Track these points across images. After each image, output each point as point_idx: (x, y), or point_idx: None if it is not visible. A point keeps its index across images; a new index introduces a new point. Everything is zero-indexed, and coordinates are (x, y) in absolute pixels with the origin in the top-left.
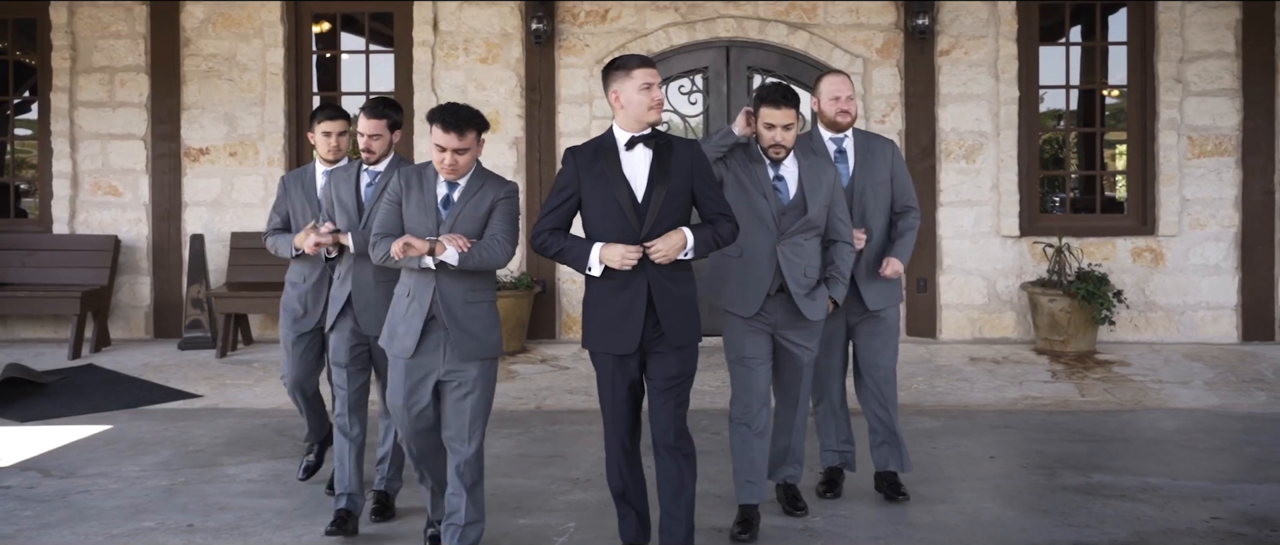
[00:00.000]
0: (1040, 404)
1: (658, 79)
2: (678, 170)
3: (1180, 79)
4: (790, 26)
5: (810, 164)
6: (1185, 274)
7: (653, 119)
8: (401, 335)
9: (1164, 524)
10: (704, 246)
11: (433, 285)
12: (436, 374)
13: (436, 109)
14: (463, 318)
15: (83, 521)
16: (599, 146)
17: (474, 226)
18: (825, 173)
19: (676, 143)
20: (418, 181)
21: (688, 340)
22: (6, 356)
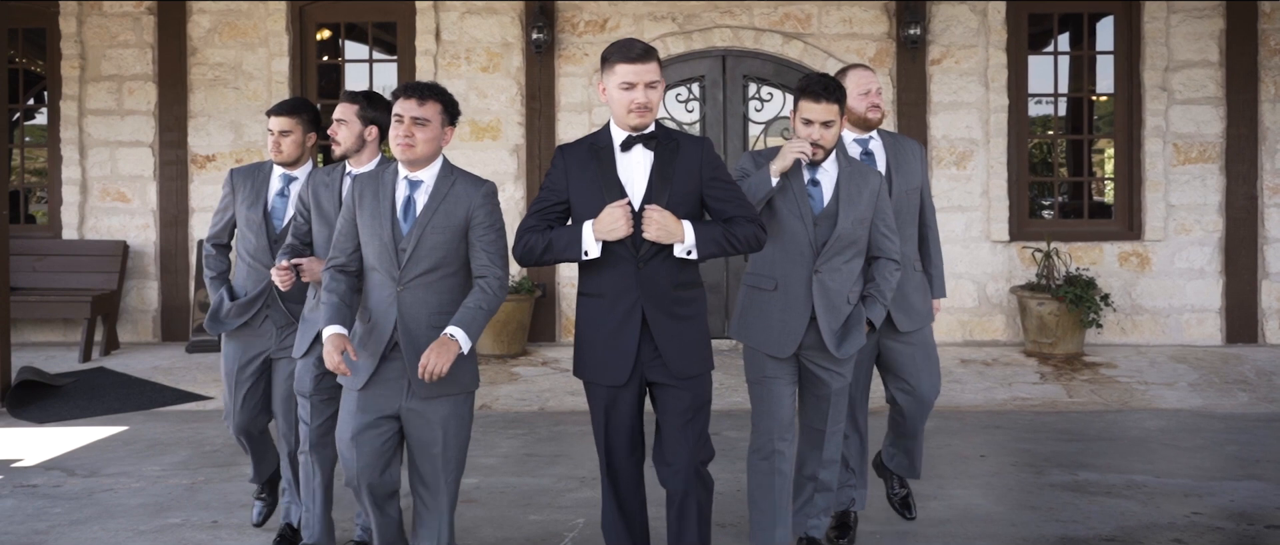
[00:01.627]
0: (1029, 405)
1: (645, 77)
2: (683, 174)
3: (1165, 87)
4: (785, 36)
5: (853, 170)
6: (1171, 278)
7: (634, 123)
8: (357, 366)
9: (1147, 519)
10: (712, 245)
11: (394, 304)
12: (395, 410)
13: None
14: (426, 348)
15: (111, 518)
16: (593, 145)
17: (445, 240)
18: (869, 181)
19: (684, 141)
20: (373, 184)
21: (695, 370)
22: (19, 360)
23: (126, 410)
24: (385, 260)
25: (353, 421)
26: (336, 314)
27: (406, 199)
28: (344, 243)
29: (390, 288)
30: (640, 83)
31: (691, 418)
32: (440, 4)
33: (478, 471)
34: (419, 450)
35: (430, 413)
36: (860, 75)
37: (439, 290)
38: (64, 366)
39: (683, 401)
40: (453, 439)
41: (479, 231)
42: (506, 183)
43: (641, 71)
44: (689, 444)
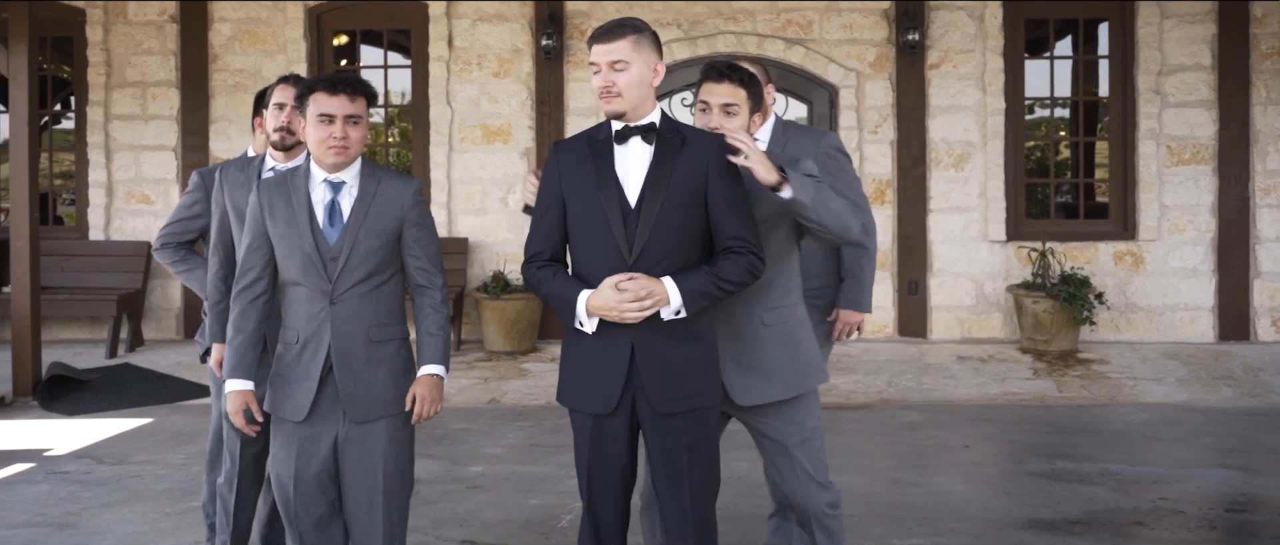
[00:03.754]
0: (1019, 399)
1: (608, 56)
2: (686, 173)
3: (1159, 91)
4: (787, 42)
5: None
6: (1164, 277)
7: (605, 109)
8: (293, 392)
9: (1114, 504)
10: (703, 299)
11: (326, 322)
12: (333, 439)
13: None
14: (363, 367)
15: (138, 502)
16: (591, 139)
17: (381, 244)
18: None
19: (693, 137)
20: (283, 189)
21: (681, 405)
22: (48, 356)
23: (151, 403)
24: (311, 274)
25: (294, 462)
26: (242, 361)
27: (329, 203)
28: (253, 258)
29: (320, 303)
30: (603, 62)
31: (683, 464)
32: (453, 10)
33: (483, 460)
34: (357, 481)
35: (370, 439)
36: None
37: (375, 300)
38: (91, 362)
39: (668, 441)
40: (394, 465)
41: (414, 233)
42: (517, 185)
43: (604, 51)
44: (679, 500)
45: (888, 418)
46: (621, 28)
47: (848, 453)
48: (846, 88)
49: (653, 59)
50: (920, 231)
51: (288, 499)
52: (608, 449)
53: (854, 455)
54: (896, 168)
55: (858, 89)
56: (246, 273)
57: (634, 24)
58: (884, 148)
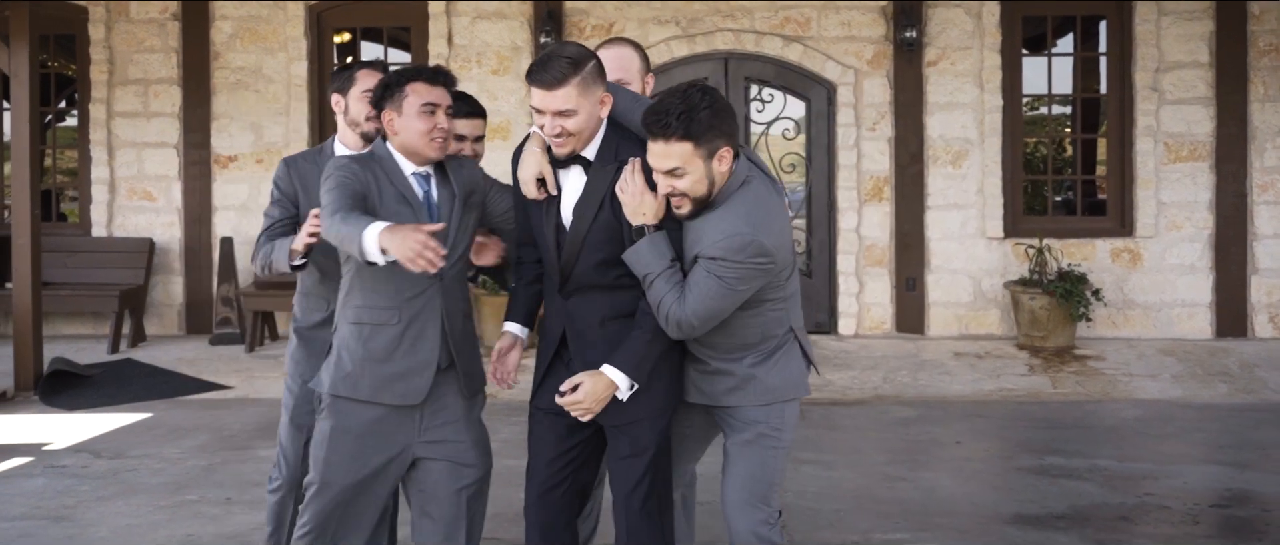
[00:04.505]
0: (1013, 395)
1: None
2: (616, 203)
3: (1156, 88)
4: (785, 39)
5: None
6: (1162, 273)
7: (562, 153)
8: (405, 373)
9: (1099, 499)
10: (647, 362)
11: (438, 303)
12: (408, 444)
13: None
14: (466, 347)
15: (133, 495)
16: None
17: (471, 222)
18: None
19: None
20: (380, 170)
21: (621, 418)
22: (51, 351)
23: (151, 398)
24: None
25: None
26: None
27: (424, 193)
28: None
29: (428, 282)
30: (548, 110)
31: (627, 469)
32: (452, 9)
33: None
34: (448, 494)
35: (460, 438)
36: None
37: (464, 279)
38: (94, 358)
39: (619, 448)
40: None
41: (495, 195)
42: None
43: (548, 99)
44: (625, 503)
45: (881, 413)
46: (562, 71)
47: (840, 448)
48: (844, 85)
49: (598, 92)
50: (918, 228)
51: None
52: (541, 438)
53: (846, 451)
54: (894, 165)
55: (856, 86)
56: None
57: (573, 59)
58: (882, 145)
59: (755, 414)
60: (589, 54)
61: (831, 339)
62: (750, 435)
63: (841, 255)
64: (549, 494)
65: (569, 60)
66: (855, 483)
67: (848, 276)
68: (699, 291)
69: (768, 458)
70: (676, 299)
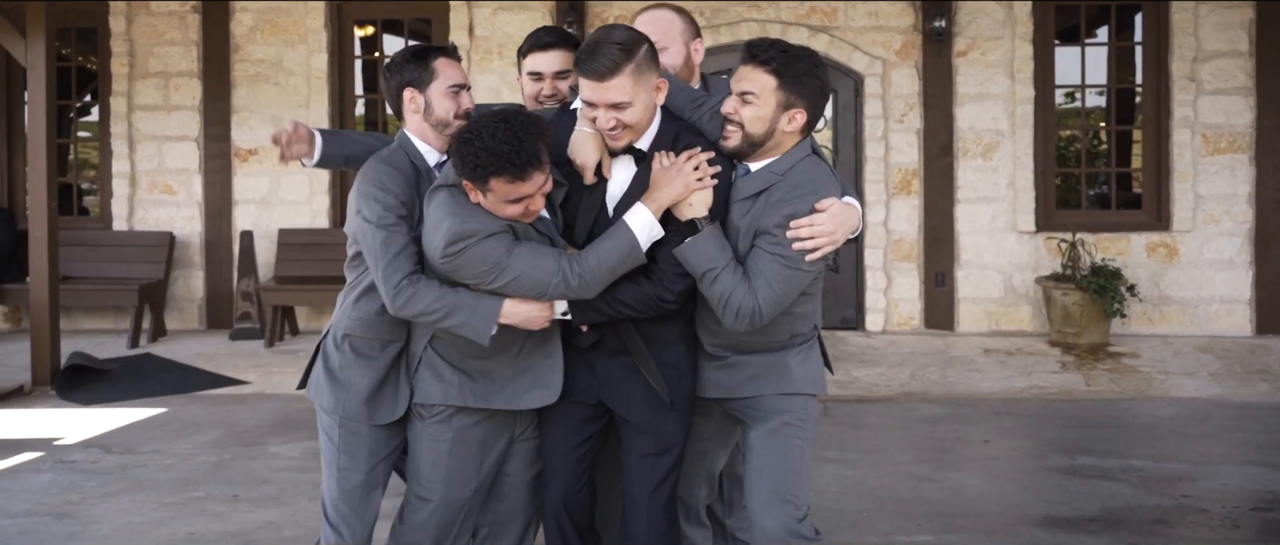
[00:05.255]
0: (1045, 393)
1: (609, 98)
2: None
3: (1194, 78)
4: (811, 29)
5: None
6: (1199, 268)
7: (617, 147)
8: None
9: (1134, 501)
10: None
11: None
12: (511, 436)
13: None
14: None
15: (140, 491)
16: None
17: None
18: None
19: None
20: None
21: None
22: (71, 345)
23: (167, 393)
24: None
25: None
26: None
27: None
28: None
29: None
30: (601, 103)
31: (650, 467)
32: (473, 1)
33: None
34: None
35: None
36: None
37: None
38: (113, 352)
39: (643, 444)
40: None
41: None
42: None
43: (599, 90)
44: (647, 502)
45: (908, 411)
46: (613, 59)
47: (864, 447)
48: (872, 76)
49: (653, 78)
50: (947, 222)
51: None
52: (557, 438)
53: (870, 449)
54: (923, 157)
55: (883, 77)
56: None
57: (624, 45)
58: (910, 137)
59: (779, 403)
60: (640, 38)
61: (858, 335)
62: (775, 424)
63: (869, 250)
64: (574, 497)
65: (620, 47)
66: (878, 482)
67: (875, 271)
68: (767, 277)
69: (793, 449)
70: (747, 290)
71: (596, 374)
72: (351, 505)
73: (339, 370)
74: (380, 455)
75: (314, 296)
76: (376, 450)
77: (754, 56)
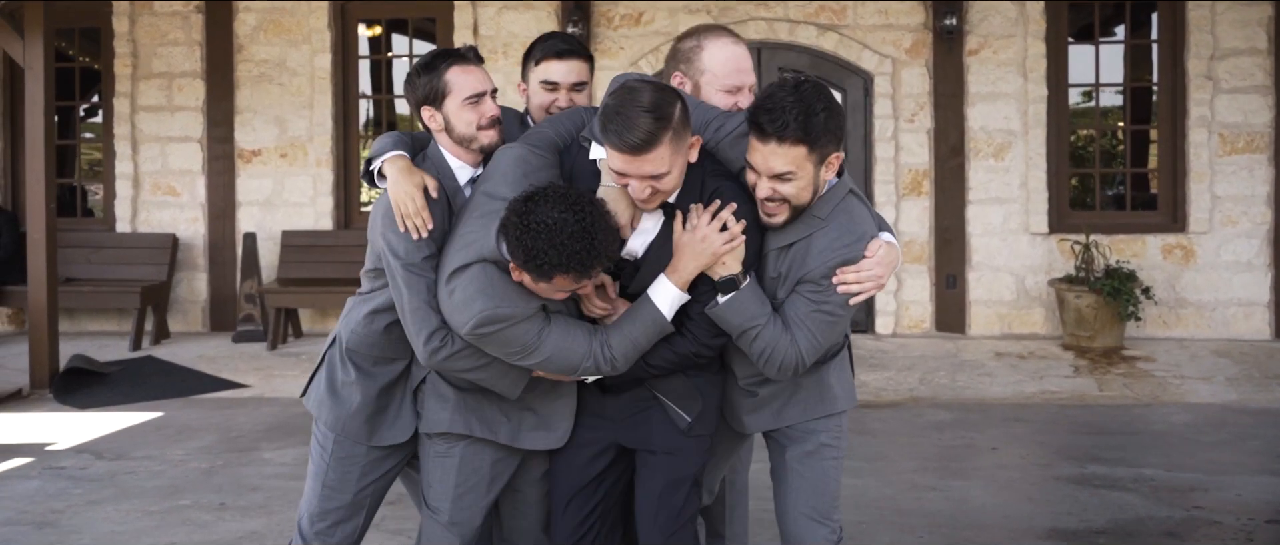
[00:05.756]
0: (1056, 398)
1: (645, 170)
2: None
3: (1211, 76)
4: (820, 28)
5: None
6: (1216, 271)
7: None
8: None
9: (1144, 512)
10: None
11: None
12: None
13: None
14: None
15: (126, 499)
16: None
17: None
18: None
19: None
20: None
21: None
22: (75, 347)
23: (166, 397)
24: None
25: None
26: None
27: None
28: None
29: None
30: (635, 174)
31: (670, 498)
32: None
33: None
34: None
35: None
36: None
37: None
38: (116, 355)
39: (657, 475)
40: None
41: None
42: None
43: (636, 164)
44: (663, 536)
45: (915, 416)
46: (648, 131)
47: (867, 454)
48: (882, 75)
49: (688, 139)
50: (958, 224)
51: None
52: (569, 472)
53: (873, 457)
54: (933, 158)
55: (893, 76)
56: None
57: (660, 111)
58: (921, 137)
59: (816, 424)
60: (671, 97)
61: (868, 338)
62: (811, 446)
63: None
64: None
65: (653, 116)
66: (880, 492)
67: None
68: (809, 327)
69: (829, 469)
70: (789, 341)
71: (608, 414)
72: (331, 524)
73: (341, 386)
74: (372, 477)
75: (317, 299)
76: (369, 472)
77: (774, 133)
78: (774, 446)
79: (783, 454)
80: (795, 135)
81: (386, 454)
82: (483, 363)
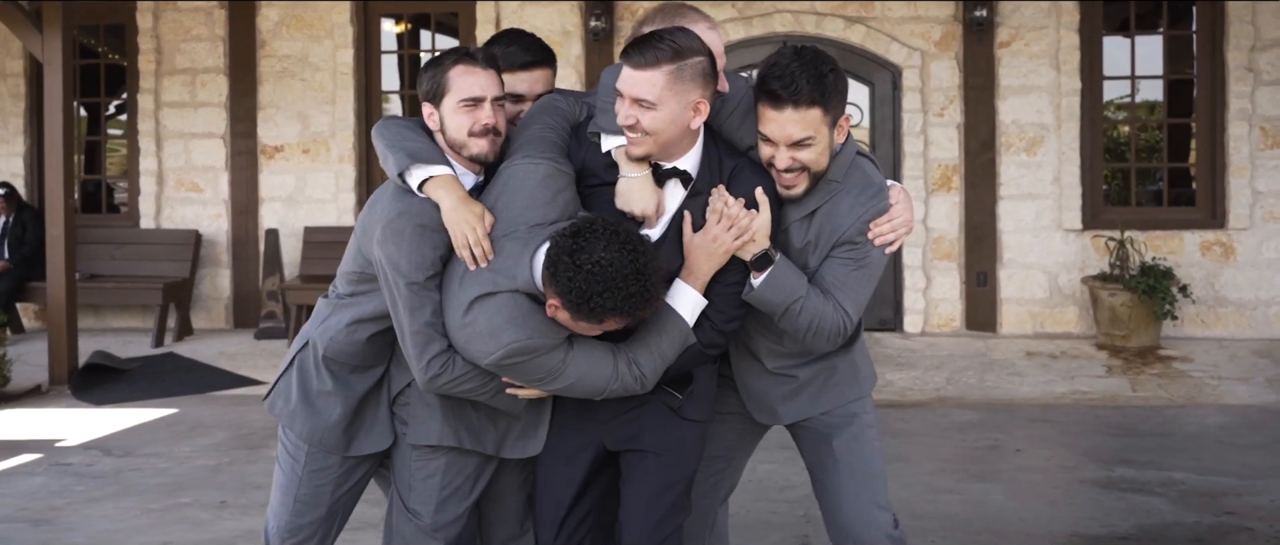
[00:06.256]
0: (1087, 399)
1: (636, 90)
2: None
3: (1251, 68)
4: (847, 20)
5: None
6: (1257, 268)
7: (633, 153)
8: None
9: (1172, 518)
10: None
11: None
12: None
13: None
14: None
15: (127, 497)
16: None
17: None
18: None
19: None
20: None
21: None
22: (99, 344)
23: (183, 393)
24: None
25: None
26: None
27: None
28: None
29: None
30: (627, 94)
31: (657, 503)
32: None
33: None
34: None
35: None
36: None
37: None
38: (139, 351)
39: (649, 476)
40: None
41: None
42: None
43: (629, 80)
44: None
45: (940, 417)
46: (658, 54)
47: (887, 455)
48: (910, 68)
49: (694, 96)
50: (990, 220)
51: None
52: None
53: (892, 458)
54: (964, 152)
55: (922, 69)
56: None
57: (679, 47)
58: (950, 131)
59: (855, 406)
60: (702, 50)
61: (896, 336)
62: (856, 429)
63: (908, 248)
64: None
65: (673, 47)
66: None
67: (914, 271)
68: (850, 288)
69: (877, 451)
70: (833, 308)
71: (597, 416)
72: (302, 540)
73: (318, 395)
74: (346, 486)
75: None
76: (343, 482)
77: (789, 99)
78: (811, 437)
79: (827, 443)
80: (810, 98)
81: (360, 461)
82: (485, 383)
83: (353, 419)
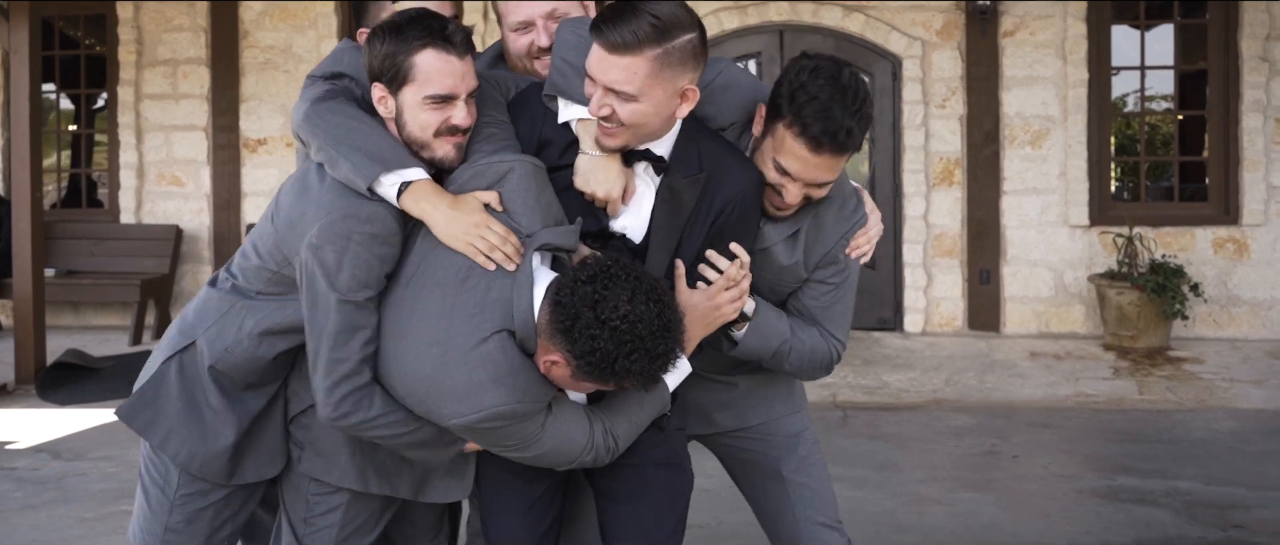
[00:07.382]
0: (1091, 402)
1: (613, 78)
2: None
3: (1266, 58)
4: (846, 9)
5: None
6: (1272, 266)
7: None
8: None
9: (1174, 532)
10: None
11: None
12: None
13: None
14: None
15: (65, 503)
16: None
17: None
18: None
19: (719, 176)
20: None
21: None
22: (77, 341)
23: None
24: None
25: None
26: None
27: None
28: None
29: None
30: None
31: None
32: None
33: None
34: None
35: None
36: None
37: None
38: (117, 348)
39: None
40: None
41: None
42: None
43: (605, 66)
44: None
45: (936, 420)
46: (637, 34)
47: (874, 462)
48: (911, 58)
49: (682, 82)
50: (993, 215)
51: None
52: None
53: (880, 465)
54: (966, 145)
55: (923, 59)
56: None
57: (661, 23)
58: (952, 124)
59: (793, 423)
60: (690, 24)
61: (896, 336)
62: (803, 450)
63: (908, 245)
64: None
65: (655, 22)
66: (879, 505)
67: (914, 268)
68: (835, 313)
69: (823, 465)
70: (821, 335)
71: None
72: None
73: (204, 412)
74: (226, 516)
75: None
76: (223, 511)
77: (831, 147)
78: (747, 461)
79: (777, 474)
80: (856, 146)
81: (248, 488)
82: (406, 432)
83: (240, 444)
